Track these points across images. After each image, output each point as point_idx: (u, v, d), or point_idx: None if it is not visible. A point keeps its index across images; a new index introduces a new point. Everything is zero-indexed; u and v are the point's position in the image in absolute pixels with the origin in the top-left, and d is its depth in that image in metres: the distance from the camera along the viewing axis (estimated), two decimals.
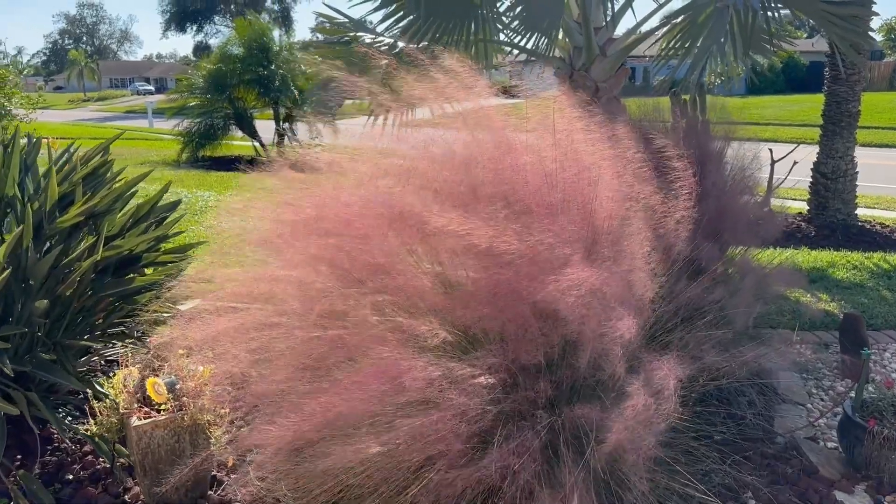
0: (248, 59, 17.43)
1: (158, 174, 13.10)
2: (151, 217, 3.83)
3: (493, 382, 2.09)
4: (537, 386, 2.12)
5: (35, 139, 3.69)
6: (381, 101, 2.99)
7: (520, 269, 2.01)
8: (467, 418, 1.99)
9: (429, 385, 1.89)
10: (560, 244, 2.06)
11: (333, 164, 2.86)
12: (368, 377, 1.90)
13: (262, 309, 2.61)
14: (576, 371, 2.17)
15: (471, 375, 2.01)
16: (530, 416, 2.09)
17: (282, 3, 64.46)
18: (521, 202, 2.26)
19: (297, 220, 2.48)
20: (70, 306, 3.28)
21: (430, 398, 2.00)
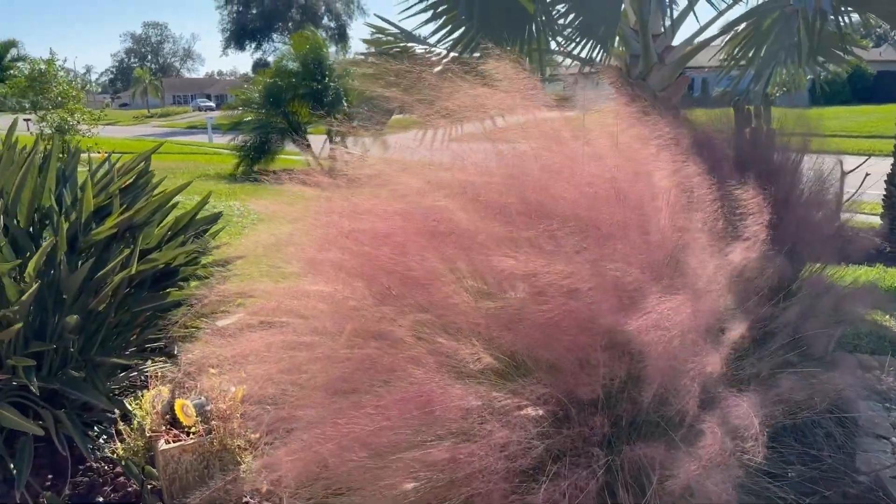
0: (303, 74, 17.61)
1: (215, 186, 13.26)
2: (191, 229, 3.73)
3: (541, 414, 1.86)
4: (592, 421, 1.88)
5: (74, 150, 3.63)
6: (431, 114, 2.82)
7: (588, 299, 1.78)
8: (509, 453, 1.77)
9: (465, 415, 1.67)
10: (634, 270, 1.83)
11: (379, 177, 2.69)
12: (395, 403, 1.69)
13: (293, 326, 2.45)
14: (638, 405, 1.93)
15: (515, 406, 1.79)
16: (585, 454, 1.85)
17: (338, 20, 65.50)
18: (585, 220, 2.03)
19: (333, 233, 2.32)
20: (104, 321, 3.18)
21: (469, 429, 1.78)
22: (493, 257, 1.81)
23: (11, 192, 3.10)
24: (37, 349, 2.86)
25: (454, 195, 2.15)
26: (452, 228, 1.98)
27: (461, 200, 2.20)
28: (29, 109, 15.04)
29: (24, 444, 2.75)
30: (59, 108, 14.63)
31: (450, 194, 2.20)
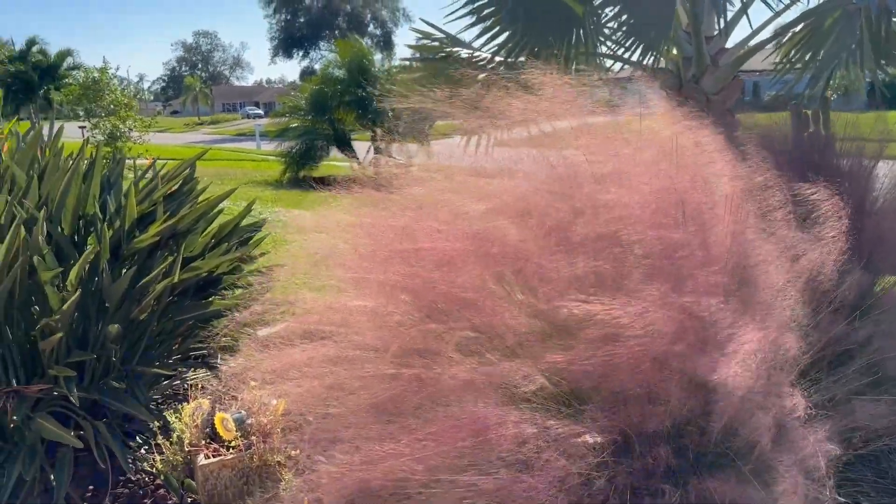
0: (349, 81, 17.70)
1: (261, 193, 13.36)
2: (234, 237, 3.68)
3: (599, 442, 1.72)
4: (656, 451, 1.72)
5: (119, 157, 3.61)
6: (476, 120, 2.71)
7: (663, 339, 1.64)
8: (568, 487, 1.63)
9: (521, 443, 1.54)
10: (707, 300, 1.68)
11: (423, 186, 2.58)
12: (448, 429, 1.57)
13: (336, 340, 2.35)
14: (706, 436, 1.77)
15: (573, 433, 1.65)
16: (650, 490, 1.70)
17: (383, 28, 65.99)
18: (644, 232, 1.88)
19: (377, 245, 2.21)
20: (146, 331, 3.14)
21: (524, 458, 1.65)
22: (568, 302, 1.66)
23: (56, 199, 3.08)
24: (78, 358, 2.82)
25: (505, 208, 2.02)
26: (506, 250, 1.84)
27: (512, 214, 2.07)
28: (83, 117, 15.42)
29: (64, 454, 2.71)
30: (112, 116, 14.96)
31: (500, 207, 2.07)
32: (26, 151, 3.35)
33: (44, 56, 42.56)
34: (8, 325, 2.84)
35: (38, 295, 2.86)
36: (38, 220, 2.81)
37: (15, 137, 3.77)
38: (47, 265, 2.77)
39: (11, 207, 2.86)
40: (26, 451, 2.61)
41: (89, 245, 3.25)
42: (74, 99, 15.64)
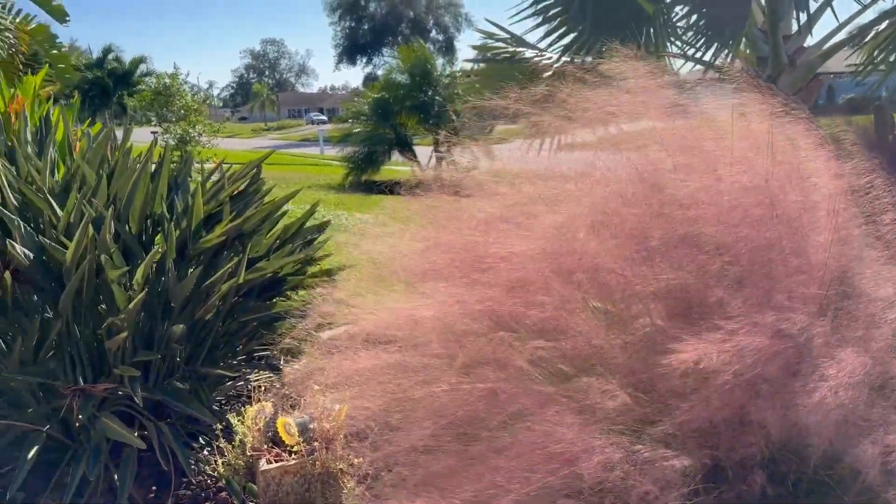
0: (411, 86, 17.80)
1: (324, 196, 13.50)
2: (299, 238, 3.65)
3: (689, 466, 1.57)
4: (751, 478, 1.56)
5: (186, 158, 3.62)
6: (543, 122, 2.58)
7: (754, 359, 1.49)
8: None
9: (608, 469, 1.41)
10: (800, 317, 1.52)
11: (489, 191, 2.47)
12: (534, 455, 1.45)
13: (400, 347, 2.26)
14: (805, 461, 1.60)
15: (661, 458, 1.50)
16: None
17: (445, 33, 66.31)
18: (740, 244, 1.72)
19: (442, 252, 2.10)
20: (211, 331, 3.12)
21: (610, 485, 1.51)
22: (672, 347, 1.51)
23: (124, 199, 3.10)
24: (143, 358, 2.82)
25: (579, 215, 1.88)
26: (582, 262, 1.71)
27: (586, 220, 1.93)
28: (154, 122, 15.92)
29: (128, 455, 2.70)
30: (182, 121, 15.39)
31: (574, 213, 1.93)
32: (96, 151, 3.39)
33: (119, 63, 44.32)
34: (76, 323, 2.86)
35: (104, 293, 2.87)
36: (106, 219, 2.82)
37: (86, 138, 3.83)
38: (114, 264, 2.77)
39: (81, 206, 2.88)
40: (91, 451, 2.61)
41: (156, 244, 3.26)
42: (147, 104, 16.19)
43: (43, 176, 3.14)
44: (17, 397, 2.81)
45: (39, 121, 3.80)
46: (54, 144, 3.65)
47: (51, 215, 2.91)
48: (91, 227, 2.71)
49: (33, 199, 2.93)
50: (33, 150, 3.50)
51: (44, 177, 3.14)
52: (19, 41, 6.98)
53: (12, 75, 6.23)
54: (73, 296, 2.71)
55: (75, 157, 3.47)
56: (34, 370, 2.69)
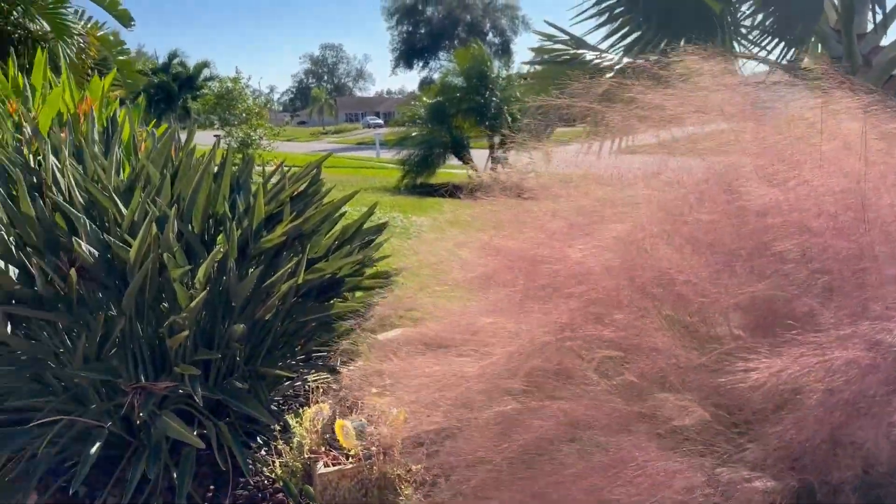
0: (467, 89, 17.75)
1: (379, 198, 13.56)
2: (357, 239, 3.62)
3: (773, 488, 1.45)
4: (844, 502, 1.44)
5: (248, 159, 3.64)
6: (610, 122, 2.48)
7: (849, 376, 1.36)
8: None
9: (689, 492, 1.31)
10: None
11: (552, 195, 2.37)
12: (604, 481, 1.35)
13: (461, 353, 2.18)
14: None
15: (744, 479, 1.39)
16: None
17: (502, 36, 66.15)
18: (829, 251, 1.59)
19: (507, 261, 2.01)
20: (270, 331, 3.12)
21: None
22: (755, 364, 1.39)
23: (187, 198, 3.12)
24: (204, 357, 2.82)
25: (650, 221, 1.76)
26: (656, 275, 1.59)
27: (657, 227, 1.81)
28: (217, 126, 16.29)
29: (187, 453, 2.71)
30: (244, 124, 15.70)
31: (648, 220, 1.82)
32: (161, 151, 3.43)
33: (183, 68, 45.68)
34: (138, 321, 2.88)
35: (167, 292, 2.89)
36: (169, 218, 2.84)
37: (151, 138, 3.89)
38: (177, 262, 2.78)
39: (145, 205, 2.91)
40: (151, 449, 2.62)
41: (218, 243, 3.27)
42: (209, 108, 16.56)
43: (109, 175, 3.19)
44: (81, 393, 2.85)
45: (106, 121, 3.87)
46: (120, 144, 3.71)
47: (116, 214, 2.95)
48: (155, 226, 2.73)
49: (99, 198, 2.97)
50: (100, 149, 3.56)
51: (109, 176, 3.19)
52: (89, 46, 7.20)
53: (81, 78, 6.43)
54: (136, 294, 2.73)
55: (140, 156, 3.52)
56: (97, 367, 2.72)
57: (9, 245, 2.71)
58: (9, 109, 4.05)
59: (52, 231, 2.88)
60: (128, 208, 2.94)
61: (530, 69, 7.49)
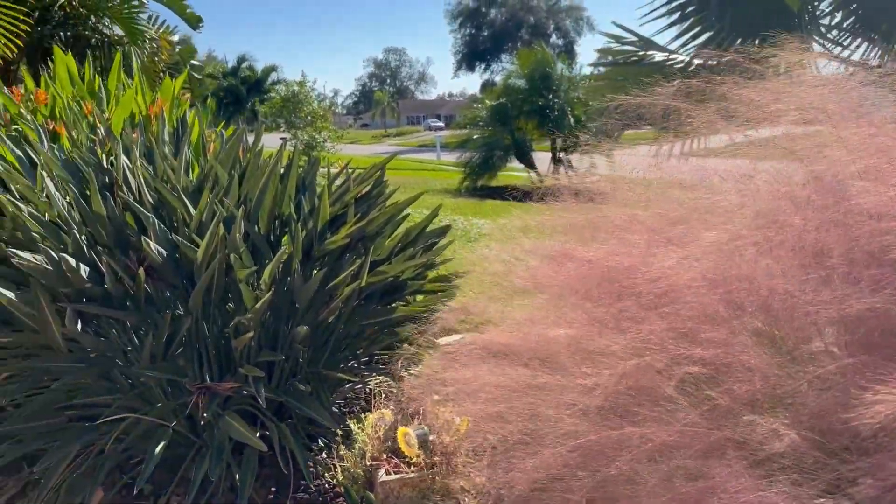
0: (530, 90, 17.55)
1: (440, 201, 13.53)
2: (420, 242, 3.57)
3: None
4: None
5: (314, 160, 3.63)
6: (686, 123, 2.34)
7: None
8: None
9: None
10: None
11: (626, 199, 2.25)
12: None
13: (527, 364, 2.09)
14: None
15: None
16: None
17: (566, 37, 65.51)
18: None
19: (582, 272, 1.91)
20: (332, 334, 3.09)
21: None
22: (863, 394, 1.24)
23: (254, 199, 3.12)
24: (267, 358, 2.81)
25: (750, 228, 1.62)
26: (755, 288, 1.46)
27: (756, 234, 1.67)
28: (283, 128, 16.58)
29: (250, 454, 2.70)
30: (309, 127, 15.93)
31: (745, 228, 1.68)
32: (229, 152, 3.45)
33: (251, 72, 46.84)
34: (204, 321, 2.89)
35: (233, 292, 2.90)
36: (236, 219, 2.84)
37: (219, 139, 3.93)
38: (243, 263, 2.78)
39: (213, 205, 2.92)
40: (214, 450, 2.61)
41: (283, 245, 3.27)
42: (276, 111, 16.87)
43: (178, 175, 3.22)
44: (148, 391, 2.87)
45: (176, 122, 3.93)
46: (189, 145, 3.76)
47: (184, 213, 2.97)
48: (222, 226, 2.73)
49: (168, 198, 3.00)
50: (170, 150, 3.61)
51: (178, 176, 3.22)
52: (161, 50, 7.40)
53: (153, 81, 6.59)
54: (203, 293, 2.73)
55: (209, 157, 3.55)
56: (163, 367, 2.73)
57: (80, 244, 2.75)
58: (84, 111, 4.16)
59: (122, 230, 2.92)
60: (196, 208, 2.96)
61: (594, 71, 7.35)
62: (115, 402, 2.80)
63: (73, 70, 4.53)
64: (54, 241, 2.84)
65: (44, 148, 3.31)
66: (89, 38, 7.73)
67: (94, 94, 4.43)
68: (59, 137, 3.91)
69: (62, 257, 2.59)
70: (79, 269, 2.65)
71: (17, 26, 5.01)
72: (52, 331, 2.59)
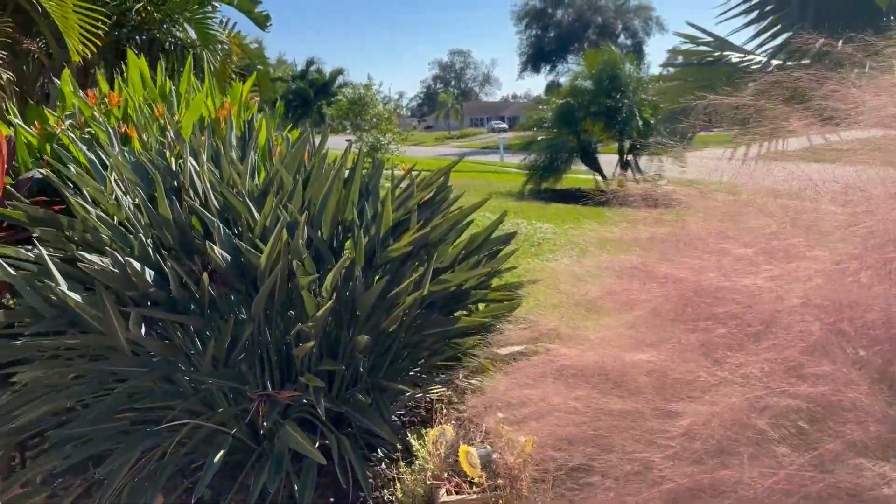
0: (597, 91, 17.22)
1: (503, 204, 13.38)
2: (484, 249, 3.46)
3: None
4: None
5: (378, 163, 3.57)
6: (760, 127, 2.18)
7: None
8: None
9: None
10: None
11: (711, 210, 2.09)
12: None
13: (597, 387, 1.96)
14: None
15: None
16: None
17: (634, 37, 64.30)
18: None
19: (664, 292, 1.76)
20: (393, 343, 3.02)
21: None
22: None
23: (317, 204, 3.08)
24: (328, 367, 2.76)
25: (866, 249, 1.44)
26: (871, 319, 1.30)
27: (873, 255, 1.49)
28: (349, 130, 16.76)
29: (309, 465, 2.64)
30: (374, 129, 16.05)
31: (857, 250, 1.50)
32: (294, 156, 3.42)
33: (319, 74, 47.67)
34: (266, 327, 2.86)
35: (294, 299, 2.86)
36: (299, 224, 2.79)
37: (285, 143, 3.92)
38: (306, 270, 2.74)
39: (277, 210, 2.89)
40: (273, 459, 2.57)
41: (345, 251, 3.22)
42: (342, 113, 17.06)
43: (243, 179, 3.21)
44: (210, 396, 2.86)
45: (244, 126, 3.94)
46: (256, 149, 3.76)
47: (248, 218, 2.95)
48: (285, 232, 2.69)
49: (233, 202, 2.98)
50: (237, 153, 3.61)
51: (244, 180, 3.20)
52: (231, 53, 7.51)
53: (223, 84, 6.69)
54: (265, 300, 2.70)
55: (275, 161, 3.53)
56: (225, 373, 2.71)
57: (146, 247, 2.76)
58: (155, 113, 4.21)
59: (188, 234, 2.91)
60: (260, 213, 2.93)
61: (664, 71, 7.15)
62: (177, 407, 2.80)
63: (146, 73, 4.61)
64: (121, 244, 2.86)
65: (114, 150, 3.35)
66: (163, 42, 7.93)
67: (166, 97, 4.49)
68: (131, 140, 3.97)
69: (127, 261, 2.60)
70: (144, 273, 2.65)
71: (97, 27, 5.14)
72: (117, 333, 2.60)
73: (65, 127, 3.95)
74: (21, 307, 2.93)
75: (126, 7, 7.66)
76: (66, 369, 2.77)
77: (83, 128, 4.05)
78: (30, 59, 7.80)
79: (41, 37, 7.18)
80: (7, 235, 3.44)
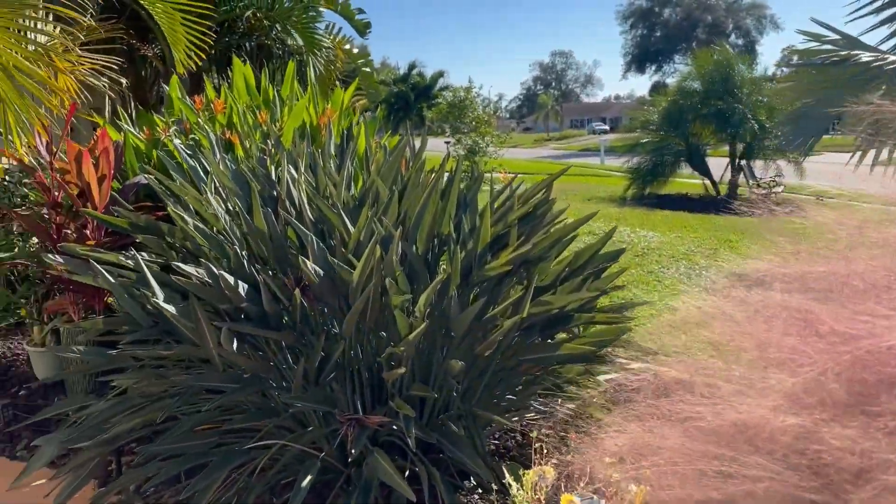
0: (708, 92, 16.38)
1: (604, 210, 12.94)
2: (589, 267, 3.22)
3: None
4: None
5: (477, 175, 3.39)
6: None
7: None
8: None
9: None
10: None
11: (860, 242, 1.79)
12: None
13: (725, 437, 1.71)
14: None
15: None
16: None
17: (746, 37, 61.43)
18: None
19: (820, 343, 1.49)
20: (488, 368, 2.83)
21: None
22: None
23: (413, 217, 2.94)
24: (420, 393, 2.61)
25: None
26: None
27: None
28: (448, 133, 16.73)
29: (398, 496, 2.50)
30: (473, 132, 15.94)
31: None
32: (391, 166, 3.30)
33: (421, 78, 48.19)
34: (358, 346, 2.75)
35: (387, 317, 2.72)
36: (394, 239, 2.66)
37: (382, 151, 3.81)
38: (399, 288, 2.59)
39: (371, 224, 2.76)
40: (361, 488, 2.45)
41: (441, 267, 3.06)
42: (442, 116, 17.05)
43: (339, 190, 3.11)
44: (302, 413, 2.78)
45: (343, 133, 3.86)
46: (354, 157, 3.67)
47: (342, 232, 2.84)
48: (379, 248, 2.56)
49: (328, 215, 2.89)
50: (334, 163, 3.53)
51: (339, 191, 3.11)
52: (336, 58, 7.55)
53: (326, 89, 6.71)
54: (357, 318, 2.58)
55: (371, 171, 3.43)
56: (316, 394, 2.61)
57: (241, 259, 2.70)
58: (259, 120, 4.21)
59: (283, 247, 2.84)
60: (355, 226, 2.82)
61: (778, 72, 6.70)
62: (269, 423, 2.73)
63: (251, 79, 4.63)
64: (218, 254, 2.82)
65: (216, 158, 3.34)
66: (271, 48, 8.09)
67: (269, 104, 4.49)
68: (234, 147, 3.98)
69: (221, 275, 2.54)
70: (237, 287, 2.58)
71: (203, 40, 5.24)
72: (210, 346, 2.54)
73: (170, 133, 4.00)
74: (120, 314, 2.95)
75: (237, 14, 7.85)
76: (161, 380, 2.74)
77: (188, 134, 4.09)
78: (146, 65, 8.13)
79: (156, 42, 7.45)
80: (111, 241, 3.50)
